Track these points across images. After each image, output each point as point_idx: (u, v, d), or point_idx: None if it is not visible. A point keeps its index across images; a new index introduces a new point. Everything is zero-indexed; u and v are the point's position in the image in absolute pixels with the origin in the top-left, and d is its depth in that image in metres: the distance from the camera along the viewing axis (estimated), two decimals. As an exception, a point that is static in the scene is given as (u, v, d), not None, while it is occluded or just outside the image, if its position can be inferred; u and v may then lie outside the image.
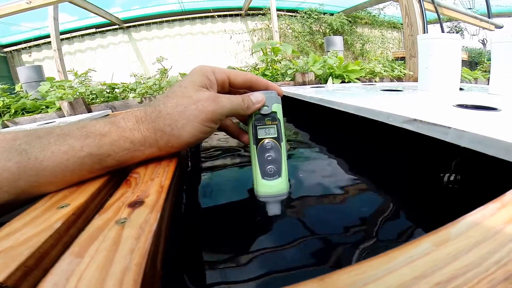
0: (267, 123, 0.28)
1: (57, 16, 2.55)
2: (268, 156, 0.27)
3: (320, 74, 1.60)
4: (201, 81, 0.26)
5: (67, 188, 0.22)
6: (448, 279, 0.10)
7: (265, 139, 0.28)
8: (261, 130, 0.28)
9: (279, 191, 0.27)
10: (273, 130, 0.28)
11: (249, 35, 4.21)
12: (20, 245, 0.14)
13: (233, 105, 0.26)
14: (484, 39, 4.51)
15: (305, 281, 0.10)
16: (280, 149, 0.28)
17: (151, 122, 0.24)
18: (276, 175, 0.27)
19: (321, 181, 0.37)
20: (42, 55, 3.86)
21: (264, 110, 0.28)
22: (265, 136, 0.28)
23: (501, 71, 0.68)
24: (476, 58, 4.22)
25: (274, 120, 0.28)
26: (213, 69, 0.27)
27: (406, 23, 1.73)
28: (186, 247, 0.25)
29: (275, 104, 0.28)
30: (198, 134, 0.25)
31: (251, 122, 0.28)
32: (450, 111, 0.42)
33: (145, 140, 0.24)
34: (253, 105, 0.27)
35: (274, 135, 0.28)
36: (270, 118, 0.28)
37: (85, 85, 1.53)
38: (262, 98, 0.28)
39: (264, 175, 0.27)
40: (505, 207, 0.15)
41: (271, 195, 0.27)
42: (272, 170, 0.27)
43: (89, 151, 0.21)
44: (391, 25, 4.69)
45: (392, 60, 2.32)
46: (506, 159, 0.25)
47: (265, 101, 0.28)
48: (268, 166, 0.27)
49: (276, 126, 0.28)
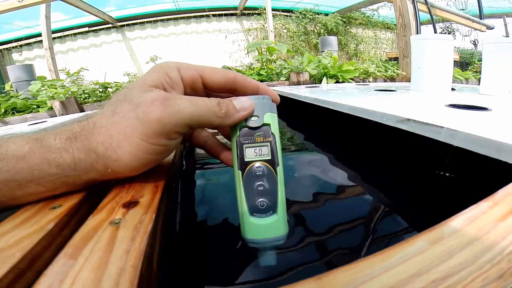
0: (257, 140, 0.20)
1: (49, 15, 2.51)
2: (259, 185, 0.20)
3: (315, 74, 1.60)
4: (155, 79, 0.19)
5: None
6: (443, 277, 0.10)
7: (255, 162, 0.20)
8: (249, 149, 0.20)
9: (274, 234, 0.20)
10: (265, 150, 0.20)
11: (244, 34, 4.21)
12: (11, 247, 0.14)
13: (198, 109, 0.18)
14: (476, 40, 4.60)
15: (303, 280, 0.10)
16: (275, 176, 0.20)
17: (83, 140, 0.17)
18: (270, 211, 0.20)
19: (316, 180, 0.37)
20: (33, 54, 3.79)
21: (253, 121, 0.20)
22: (255, 158, 0.20)
23: (492, 71, 0.69)
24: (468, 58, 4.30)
25: (267, 136, 0.20)
26: (179, 65, 0.20)
27: (399, 23, 1.75)
28: (182, 247, 0.25)
29: (268, 113, 0.20)
30: (143, 156, 0.18)
31: (236, 138, 0.20)
32: (443, 111, 0.43)
33: (76, 164, 0.17)
34: (236, 113, 0.19)
35: (267, 157, 0.20)
36: (262, 133, 0.20)
37: (77, 84, 1.51)
38: (250, 105, 0.20)
39: (254, 211, 0.20)
40: (497, 206, 0.15)
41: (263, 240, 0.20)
42: (265, 204, 0.20)
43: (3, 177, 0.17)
44: (385, 26, 4.75)
45: (386, 61, 2.35)
46: (497, 158, 0.25)
47: (255, 108, 0.20)
48: (259, 199, 0.20)
49: (269, 144, 0.20)
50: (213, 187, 0.37)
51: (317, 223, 0.27)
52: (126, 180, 0.23)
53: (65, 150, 0.17)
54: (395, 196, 0.33)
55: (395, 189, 0.36)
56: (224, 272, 0.21)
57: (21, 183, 0.17)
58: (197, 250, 0.24)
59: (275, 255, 0.21)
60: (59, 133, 0.18)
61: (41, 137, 0.18)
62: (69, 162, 0.17)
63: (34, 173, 0.17)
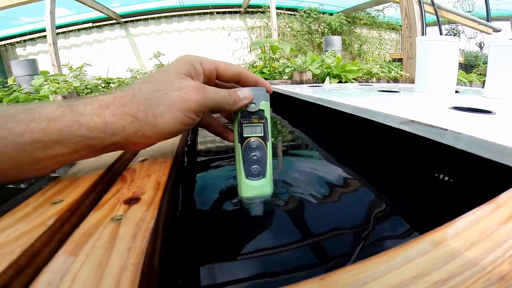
0: (253, 121, 0.27)
1: (54, 10, 2.51)
2: (253, 155, 0.27)
3: (318, 74, 1.60)
4: (186, 69, 0.24)
5: (60, 183, 0.21)
6: (446, 278, 0.10)
7: (251, 138, 0.27)
8: (247, 128, 0.27)
9: (263, 192, 0.27)
10: (259, 129, 0.27)
11: (248, 32, 4.20)
12: (11, 243, 0.13)
13: (219, 98, 0.24)
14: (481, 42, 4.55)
15: (306, 280, 0.10)
16: (265, 148, 0.27)
17: (119, 107, 0.21)
18: (261, 175, 0.27)
19: (318, 180, 0.37)
20: (36, 49, 3.80)
21: (251, 107, 0.26)
22: (251, 134, 0.27)
23: (497, 74, 0.69)
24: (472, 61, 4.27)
25: (261, 118, 0.27)
26: (201, 58, 0.25)
27: (405, 24, 1.74)
28: (184, 245, 0.25)
29: (263, 101, 0.27)
30: (176, 125, 0.22)
31: (237, 119, 0.27)
32: (446, 113, 0.42)
33: (106, 127, 0.20)
34: (240, 101, 0.25)
35: (260, 134, 0.27)
36: (257, 116, 0.27)
37: (79, 79, 1.51)
38: (250, 95, 0.26)
39: (248, 175, 0.27)
40: (500, 208, 0.15)
41: (255, 196, 0.27)
42: (257, 170, 0.27)
43: (32, 137, 0.18)
44: (389, 27, 4.72)
45: (389, 61, 2.34)
46: (500, 161, 0.25)
47: (253, 97, 0.26)
48: (252, 166, 0.27)
49: (262, 125, 0.27)
50: (214, 184, 0.37)
51: (319, 223, 0.27)
52: (128, 176, 0.23)
53: (97, 114, 0.20)
54: (398, 197, 0.33)
55: (398, 191, 0.35)
56: (226, 271, 0.21)
57: (47, 144, 0.19)
58: (199, 248, 0.24)
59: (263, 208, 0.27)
60: (88, 102, 0.21)
61: (73, 104, 0.21)
62: (99, 124, 0.20)
63: (62, 134, 0.19)
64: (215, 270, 0.21)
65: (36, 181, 0.50)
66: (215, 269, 0.21)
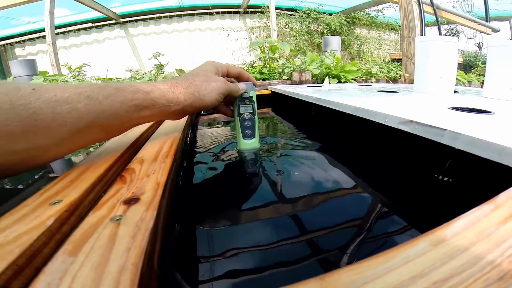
0: (246, 103, 0.43)
1: (53, 10, 2.51)
2: (247, 124, 0.43)
3: (317, 74, 1.60)
4: (214, 70, 0.38)
5: (59, 183, 0.21)
6: (445, 278, 0.10)
7: (245, 114, 0.43)
8: (242, 107, 0.43)
9: (253, 147, 0.45)
10: (250, 108, 0.43)
11: (247, 33, 4.19)
12: (10, 243, 0.13)
13: (232, 88, 0.39)
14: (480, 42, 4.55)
15: (306, 280, 0.10)
16: (254, 120, 0.44)
17: (184, 88, 0.33)
18: (252, 136, 0.44)
19: (318, 181, 0.37)
20: (36, 49, 3.79)
21: (245, 95, 0.42)
22: (245, 111, 0.43)
23: (496, 75, 0.69)
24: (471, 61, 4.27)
25: (251, 101, 0.43)
26: (219, 63, 0.40)
27: (404, 25, 1.74)
28: (183, 245, 0.25)
29: (251, 91, 0.43)
30: (213, 101, 0.36)
31: (236, 102, 0.43)
32: (446, 113, 0.42)
33: (176, 99, 0.32)
34: (240, 90, 0.42)
35: (250, 111, 0.43)
36: (248, 100, 0.43)
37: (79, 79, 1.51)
38: (244, 86, 0.42)
39: (244, 136, 0.44)
40: (499, 209, 0.15)
41: (248, 149, 0.45)
42: (249, 133, 0.44)
43: (136, 103, 0.28)
44: (389, 27, 4.72)
45: (389, 62, 2.34)
46: (499, 161, 0.25)
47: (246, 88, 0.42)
48: (246, 131, 0.44)
49: (252, 105, 0.43)
50: (214, 183, 0.37)
51: (318, 223, 0.27)
52: (127, 176, 0.23)
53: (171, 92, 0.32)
54: (397, 197, 0.33)
55: (397, 191, 0.35)
56: (226, 271, 0.21)
57: (141, 108, 0.28)
58: (199, 248, 0.24)
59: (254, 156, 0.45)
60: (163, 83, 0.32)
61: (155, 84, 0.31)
62: (172, 98, 0.32)
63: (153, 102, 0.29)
64: (215, 270, 0.21)
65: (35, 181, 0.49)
66: (215, 269, 0.21)
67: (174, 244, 0.24)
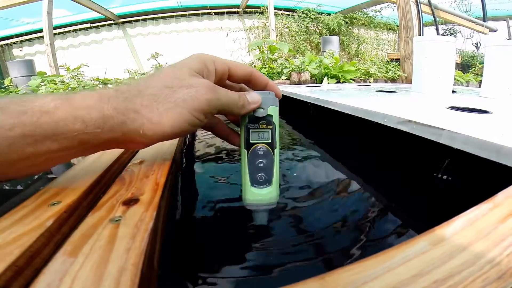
0: (261, 127, 0.25)
1: (51, 11, 2.50)
2: (260, 162, 0.25)
3: (316, 74, 1.60)
4: (199, 67, 0.22)
5: (58, 184, 0.21)
6: (445, 278, 0.10)
7: (258, 144, 0.25)
8: (254, 133, 0.25)
9: (268, 201, 0.25)
10: (267, 135, 0.25)
11: (246, 33, 4.20)
12: (9, 244, 0.13)
13: (229, 100, 0.23)
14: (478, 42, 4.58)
15: (306, 279, 0.10)
16: (273, 156, 0.25)
17: (122, 101, 0.19)
18: (267, 183, 0.25)
19: (316, 180, 0.37)
20: (33, 50, 3.78)
21: (260, 112, 0.25)
22: (258, 140, 0.25)
23: (494, 74, 0.69)
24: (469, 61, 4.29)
25: (269, 124, 0.25)
26: (214, 58, 0.24)
27: (402, 25, 1.74)
28: (183, 246, 0.25)
29: (271, 106, 0.25)
30: (182, 125, 0.21)
31: (244, 124, 0.25)
32: (444, 113, 0.43)
33: (104, 121, 0.19)
34: (249, 105, 0.24)
35: (267, 140, 0.25)
36: (265, 121, 0.25)
37: (77, 80, 1.51)
38: (259, 99, 0.24)
39: (254, 183, 0.25)
40: (497, 207, 0.15)
41: (259, 204, 0.25)
42: (263, 178, 0.25)
43: (22, 131, 0.17)
44: (387, 27, 4.73)
45: (387, 62, 2.35)
46: (496, 160, 0.25)
47: (262, 102, 0.25)
48: (258, 174, 0.25)
49: (270, 131, 0.25)
50: (213, 184, 0.37)
51: (318, 223, 0.27)
52: (126, 177, 0.23)
53: (95, 108, 0.19)
54: (395, 197, 0.33)
55: (396, 190, 0.36)
56: (224, 271, 0.21)
57: (38, 139, 0.17)
58: (198, 248, 0.24)
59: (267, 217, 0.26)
60: (88, 94, 0.19)
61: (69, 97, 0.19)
62: (96, 119, 0.18)
63: (56, 128, 0.18)
64: (214, 270, 0.21)
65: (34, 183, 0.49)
66: (214, 269, 0.21)
67: (174, 245, 0.24)
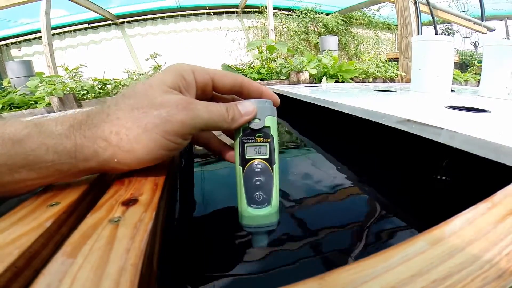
0: (257, 140, 0.22)
1: (49, 11, 2.49)
2: (257, 180, 0.22)
3: (315, 74, 1.60)
4: (174, 81, 0.20)
5: (56, 185, 0.21)
6: (444, 277, 0.10)
7: (254, 160, 0.22)
8: (250, 148, 0.22)
9: (266, 222, 0.23)
10: (264, 149, 0.23)
11: (245, 33, 4.19)
12: (8, 245, 0.13)
13: (212, 116, 0.20)
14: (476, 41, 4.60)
15: (306, 279, 0.10)
16: (271, 172, 0.23)
17: (92, 128, 0.18)
18: (265, 203, 0.23)
19: (316, 180, 0.37)
20: (32, 50, 3.76)
21: (255, 123, 0.22)
22: (255, 156, 0.23)
23: (492, 73, 0.69)
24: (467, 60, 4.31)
25: (267, 137, 0.23)
26: (194, 68, 0.22)
27: (400, 24, 1.75)
28: (182, 246, 0.25)
29: (269, 116, 0.23)
30: (156, 151, 0.19)
31: (239, 137, 0.23)
32: (442, 112, 0.43)
33: (77, 151, 0.18)
34: (241, 118, 0.21)
35: (265, 156, 0.23)
36: (262, 134, 0.22)
37: (75, 80, 1.50)
38: (253, 109, 0.22)
39: (251, 203, 0.22)
40: (496, 207, 0.15)
41: (257, 226, 0.23)
42: (261, 197, 0.22)
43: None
44: (386, 26, 4.74)
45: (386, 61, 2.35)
46: (495, 160, 0.25)
47: (257, 112, 0.22)
48: (256, 193, 0.22)
49: (268, 145, 0.23)
50: (212, 184, 0.37)
51: (317, 222, 0.27)
52: (125, 178, 0.23)
53: (67, 136, 0.18)
54: (394, 196, 0.33)
55: (395, 190, 0.36)
56: (223, 271, 0.21)
57: (12, 168, 0.17)
58: (197, 248, 0.24)
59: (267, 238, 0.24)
60: (60, 120, 0.18)
61: (41, 123, 0.18)
62: (69, 148, 0.18)
63: (29, 158, 0.17)
64: (214, 271, 0.21)
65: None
66: (214, 269, 0.21)
67: (173, 245, 0.24)
